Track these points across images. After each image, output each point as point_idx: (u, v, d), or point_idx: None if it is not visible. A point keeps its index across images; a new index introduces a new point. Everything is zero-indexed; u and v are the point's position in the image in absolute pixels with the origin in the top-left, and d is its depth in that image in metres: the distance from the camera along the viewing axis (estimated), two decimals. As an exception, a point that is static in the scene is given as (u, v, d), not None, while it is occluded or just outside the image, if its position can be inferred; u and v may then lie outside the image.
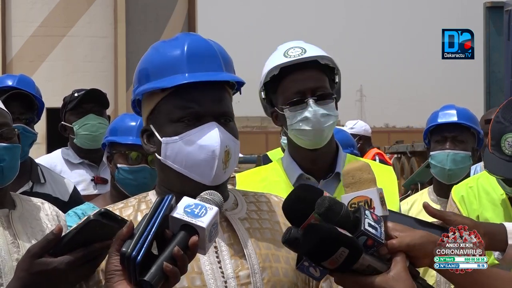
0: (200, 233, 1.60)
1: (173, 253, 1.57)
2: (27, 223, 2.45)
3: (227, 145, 1.84)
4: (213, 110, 1.85)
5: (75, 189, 3.68)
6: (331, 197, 1.68)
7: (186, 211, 1.61)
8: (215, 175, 1.84)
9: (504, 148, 2.68)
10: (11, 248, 2.37)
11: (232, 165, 1.88)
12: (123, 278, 1.57)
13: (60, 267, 1.66)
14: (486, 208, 2.95)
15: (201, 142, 1.82)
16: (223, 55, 1.92)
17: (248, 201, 1.98)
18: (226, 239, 1.86)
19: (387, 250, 1.69)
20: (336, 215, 1.65)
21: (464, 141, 3.82)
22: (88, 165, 4.27)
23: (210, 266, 1.82)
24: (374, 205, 1.76)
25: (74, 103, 4.24)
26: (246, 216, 1.92)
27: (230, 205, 1.94)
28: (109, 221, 1.64)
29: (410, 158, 20.04)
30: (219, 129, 1.83)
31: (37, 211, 2.51)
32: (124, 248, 1.57)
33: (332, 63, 2.67)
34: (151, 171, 3.34)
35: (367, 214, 1.68)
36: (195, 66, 1.86)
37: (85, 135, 4.19)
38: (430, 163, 3.93)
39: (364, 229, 1.65)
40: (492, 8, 13.24)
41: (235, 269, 1.83)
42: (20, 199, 2.53)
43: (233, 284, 1.81)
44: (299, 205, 1.70)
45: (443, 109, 3.95)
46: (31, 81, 3.93)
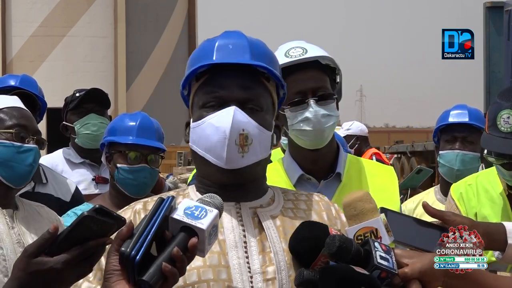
0: (199, 235, 1.60)
1: (172, 254, 1.57)
2: (31, 224, 2.49)
3: (244, 128, 1.85)
4: (237, 95, 1.88)
5: (77, 189, 3.68)
6: (340, 235, 1.67)
7: (186, 212, 1.61)
8: (227, 157, 1.85)
9: (500, 126, 2.74)
10: (16, 247, 2.39)
11: (255, 152, 1.88)
12: (121, 277, 1.57)
13: (56, 266, 1.65)
14: (485, 205, 2.95)
15: (216, 124, 1.86)
16: (256, 45, 1.95)
17: (287, 199, 1.99)
18: (256, 234, 1.88)
19: (399, 279, 1.70)
20: (348, 253, 1.65)
21: (474, 142, 3.82)
22: (89, 165, 4.26)
23: (238, 260, 1.84)
24: (380, 234, 1.76)
25: (75, 102, 4.24)
26: (280, 213, 1.93)
27: (267, 200, 1.96)
28: (104, 217, 1.62)
29: (410, 158, 20.02)
30: (235, 112, 1.85)
31: (37, 214, 2.56)
32: (123, 248, 1.56)
33: (333, 63, 2.67)
34: (151, 170, 3.34)
35: (376, 246, 1.68)
36: (223, 53, 1.91)
37: (86, 134, 4.19)
38: (438, 162, 3.93)
39: (377, 263, 1.65)
40: (492, 8, 13.23)
41: (262, 264, 1.84)
42: (21, 201, 2.58)
43: (259, 279, 1.82)
44: (306, 244, 1.71)
45: (455, 109, 3.94)
46: (33, 81, 3.93)
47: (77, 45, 22.72)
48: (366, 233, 1.76)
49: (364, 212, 1.78)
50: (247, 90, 1.89)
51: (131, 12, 23.50)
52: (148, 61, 24.25)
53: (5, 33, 22.52)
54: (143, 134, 3.35)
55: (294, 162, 2.71)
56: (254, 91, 1.90)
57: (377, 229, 1.76)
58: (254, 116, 1.88)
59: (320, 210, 1.99)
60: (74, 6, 22.58)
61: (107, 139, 3.39)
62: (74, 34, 22.72)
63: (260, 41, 1.99)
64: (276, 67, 1.99)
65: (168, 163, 20.21)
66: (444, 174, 3.88)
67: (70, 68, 22.56)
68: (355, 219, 1.79)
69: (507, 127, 2.74)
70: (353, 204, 1.80)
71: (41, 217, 2.54)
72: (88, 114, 4.20)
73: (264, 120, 1.91)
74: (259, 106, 1.91)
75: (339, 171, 2.69)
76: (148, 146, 3.33)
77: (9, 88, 3.72)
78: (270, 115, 1.95)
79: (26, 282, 1.68)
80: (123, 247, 1.56)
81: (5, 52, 22.48)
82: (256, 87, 1.91)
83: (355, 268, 1.62)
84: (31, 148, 2.50)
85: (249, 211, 1.91)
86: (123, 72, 23.36)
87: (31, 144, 2.51)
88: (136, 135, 3.33)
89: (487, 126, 2.81)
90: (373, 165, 2.83)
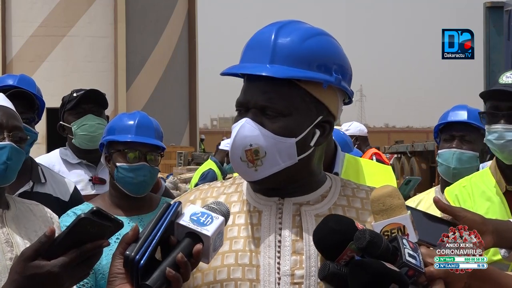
0: (204, 241, 1.59)
1: (177, 259, 1.56)
2: (21, 224, 2.46)
3: (252, 143, 1.80)
4: (255, 102, 1.82)
5: (76, 189, 3.68)
6: (371, 230, 1.65)
7: (192, 219, 1.61)
8: (240, 172, 1.85)
9: (501, 80, 2.87)
10: (4, 247, 2.37)
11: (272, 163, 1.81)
12: (125, 281, 1.57)
13: (53, 270, 1.65)
14: (481, 205, 2.95)
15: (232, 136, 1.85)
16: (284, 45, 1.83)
17: (343, 194, 1.91)
18: (293, 234, 1.83)
19: (425, 278, 1.68)
20: (377, 248, 1.62)
21: (472, 141, 3.82)
22: (86, 165, 4.26)
23: (268, 260, 1.81)
24: (407, 232, 1.74)
25: (72, 103, 4.23)
26: (327, 212, 1.86)
27: (317, 196, 1.89)
28: (101, 219, 1.62)
29: (410, 158, 20.04)
30: (242, 126, 1.81)
31: (30, 213, 2.53)
32: (128, 252, 1.56)
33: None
34: (150, 169, 3.34)
35: (405, 244, 1.66)
36: (246, 56, 1.87)
37: (83, 135, 4.19)
38: (437, 161, 3.93)
39: (406, 261, 1.63)
40: (492, 8, 13.24)
41: (292, 266, 1.81)
42: (14, 200, 2.55)
43: (287, 281, 1.80)
44: (333, 237, 1.67)
45: (455, 109, 3.95)
46: (32, 81, 3.92)
47: (77, 45, 22.73)
48: (393, 230, 1.74)
49: (393, 208, 1.76)
50: (264, 95, 1.82)
51: (131, 12, 23.51)
52: (148, 61, 24.26)
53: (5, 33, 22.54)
54: (142, 132, 3.36)
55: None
56: (270, 96, 1.82)
57: (405, 226, 1.75)
58: (273, 124, 1.81)
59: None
60: (74, 6, 22.59)
61: (106, 138, 3.39)
62: (74, 34, 22.73)
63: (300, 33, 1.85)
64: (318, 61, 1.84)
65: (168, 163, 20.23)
66: (442, 173, 3.89)
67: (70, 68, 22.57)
68: (383, 214, 1.76)
69: (508, 80, 2.84)
70: (382, 199, 1.77)
71: (34, 216, 2.52)
72: (85, 114, 4.19)
73: (286, 127, 1.82)
74: (280, 112, 1.81)
75: (336, 171, 2.69)
76: (147, 144, 3.34)
77: (7, 87, 3.72)
78: (301, 117, 1.83)
79: (23, 285, 1.67)
80: (128, 251, 1.56)
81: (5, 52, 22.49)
82: (279, 90, 1.82)
83: (387, 265, 1.60)
84: (4, 146, 2.43)
85: (292, 208, 1.86)
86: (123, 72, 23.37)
87: (6, 141, 2.44)
88: (135, 134, 3.34)
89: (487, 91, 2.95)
90: (371, 165, 2.84)
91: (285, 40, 1.83)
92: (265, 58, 1.82)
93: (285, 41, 1.83)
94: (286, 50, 1.83)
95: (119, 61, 23.25)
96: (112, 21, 23.20)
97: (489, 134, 2.94)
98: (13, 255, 2.35)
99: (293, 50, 1.83)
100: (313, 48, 1.84)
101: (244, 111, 1.84)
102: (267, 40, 1.84)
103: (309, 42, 1.84)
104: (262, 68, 1.81)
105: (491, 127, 2.91)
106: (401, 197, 1.78)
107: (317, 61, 1.84)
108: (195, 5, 26.36)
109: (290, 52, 1.82)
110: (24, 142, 2.51)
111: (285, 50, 1.83)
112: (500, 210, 2.93)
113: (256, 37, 1.87)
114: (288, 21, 1.89)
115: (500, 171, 2.97)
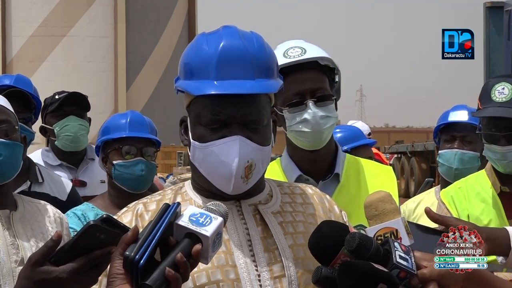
0: (203, 242, 1.60)
1: (176, 259, 1.57)
2: (28, 225, 2.43)
3: (249, 159, 1.85)
4: (240, 118, 1.85)
5: (73, 189, 3.69)
6: (361, 233, 1.68)
7: (191, 219, 1.61)
8: (233, 189, 1.87)
9: (495, 97, 2.79)
10: (10, 249, 2.35)
11: (258, 173, 1.90)
12: (125, 281, 1.57)
13: (62, 275, 1.65)
14: (476, 206, 2.95)
15: (221, 157, 1.85)
16: (258, 57, 1.89)
17: (283, 192, 2.01)
18: (260, 232, 1.90)
19: (418, 280, 1.69)
20: (367, 250, 1.65)
21: (473, 141, 3.81)
22: (67, 167, 4.27)
23: (244, 259, 1.86)
24: (400, 235, 1.76)
25: (55, 105, 4.24)
26: (280, 209, 1.96)
27: (265, 196, 1.98)
28: (110, 227, 1.64)
29: (410, 158, 20.04)
30: (240, 146, 1.84)
31: (38, 213, 2.49)
32: (128, 252, 1.57)
33: (332, 64, 2.66)
34: (147, 163, 3.38)
35: (396, 246, 1.68)
36: (224, 73, 1.85)
37: (65, 135, 4.18)
38: (438, 161, 3.93)
39: (397, 262, 1.65)
40: (492, 8, 13.23)
41: (268, 262, 1.86)
42: (22, 199, 2.50)
43: (267, 277, 1.85)
44: (326, 242, 1.70)
45: (455, 109, 3.95)
46: (28, 81, 3.93)
47: (77, 45, 22.72)
48: (386, 234, 1.77)
49: (385, 213, 1.78)
50: (250, 110, 1.86)
51: (131, 12, 23.50)
52: (148, 61, 24.25)
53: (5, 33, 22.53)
54: (135, 128, 3.41)
55: (292, 162, 2.71)
56: (255, 109, 1.87)
57: (398, 230, 1.76)
58: (256, 136, 1.87)
59: (315, 203, 2.01)
60: (74, 6, 22.58)
61: (100, 139, 3.44)
62: (74, 34, 22.72)
63: (257, 41, 1.92)
64: (275, 67, 1.96)
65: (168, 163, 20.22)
66: (443, 174, 3.88)
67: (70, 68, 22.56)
68: (376, 219, 1.79)
69: (502, 97, 2.78)
70: (375, 204, 1.80)
71: (42, 217, 2.48)
72: (67, 116, 4.20)
73: (265, 136, 1.90)
74: (261, 124, 1.89)
75: (337, 172, 2.68)
76: (141, 139, 3.39)
77: (4, 87, 3.72)
78: (269, 122, 1.93)
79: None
80: (128, 251, 1.57)
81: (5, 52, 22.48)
82: (256, 103, 1.88)
83: (375, 265, 1.62)
84: None
85: (250, 208, 1.93)
86: (123, 72, 23.37)
87: None
88: (128, 130, 3.39)
89: (479, 104, 2.83)
90: (372, 165, 2.83)
91: (257, 52, 1.89)
92: (249, 74, 1.86)
93: (258, 53, 1.89)
94: (262, 62, 1.89)
95: (119, 61, 23.25)
96: (112, 21, 23.19)
97: (489, 151, 2.90)
98: (19, 258, 2.33)
99: (264, 61, 1.90)
100: (272, 55, 1.95)
101: (221, 127, 1.85)
102: (243, 54, 1.87)
103: (269, 50, 1.93)
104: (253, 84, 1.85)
105: (491, 146, 2.88)
106: (394, 202, 1.80)
107: (275, 66, 1.95)
108: (195, 5, 26.35)
109: (263, 63, 1.90)
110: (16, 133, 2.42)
111: (261, 62, 1.89)
112: (494, 211, 2.92)
113: (227, 52, 1.86)
114: (235, 30, 1.92)
115: (495, 173, 2.97)
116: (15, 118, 2.47)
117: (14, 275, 2.29)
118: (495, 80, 2.85)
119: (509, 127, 2.82)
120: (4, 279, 2.29)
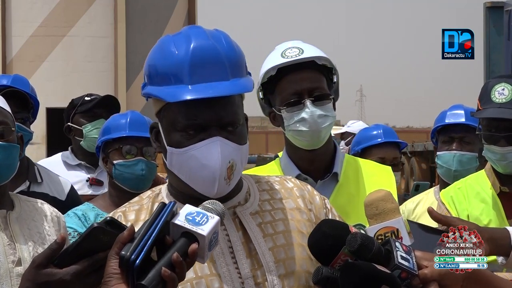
0: (200, 241, 1.60)
1: (172, 259, 1.56)
2: (25, 225, 2.43)
3: (230, 160, 1.82)
4: (217, 120, 1.82)
5: (72, 188, 3.69)
6: (362, 233, 1.67)
7: (187, 218, 1.61)
8: (217, 192, 1.83)
9: (494, 98, 2.79)
10: (7, 250, 2.35)
11: (238, 172, 1.86)
12: (121, 281, 1.57)
13: (65, 278, 1.66)
14: (476, 206, 2.95)
15: (202, 161, 1.81)
16: (230, 56, 1.85)
17: (261, 189, 1.97)
18: (241, 237, 1.87)
19: (419, 280, 1.69)
20: (369, 251, 1.65)
21: (471, 142, 3.82)
22: (86, 167, 4.31)
23: (227, 267, 1.83)
24: (401, 235, 1.76)
25: (87, 106, 4.30)
26: (258, 209, 1.92)
27: (243, 195, 1.94)
28: (114, 229, 1.63)
29: (410, 158, 20.02)
30: (221, 147, 1.80)
31: (35, 212, 2.49)
32: (124, 252, 1.56)
33: (329, 64, 2.66)
34: (147, 163, 3.39)
35: (397, 246, 1.68)
36: (198, 76, 1.81)
37: (94, 138, 4.22)
38: (436, 163, 3.93)
39: (398, 263, 1.65)
40: (492, 8, 13.23)
41: (251, 268, 1.83)
42: (19, 199, 2.50)
43: (251, 283, 1.82)
44: (326, 242, 1.69)
45: (451, 109, 3.94)
46: (26, 81, 3.94)
47: (77, 45, 22.71)
48: (386, 233, 1.76)
49: (386, 212, 1.78)
50: (226, 112, 1.82)
51: (131, 12, 23.50)
52: (148, 61, 24.23)
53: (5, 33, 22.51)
54: (135, 127, 3.43)
55: (291, 162, 2.71)
56: (231, 110, 1.84)
57: (398, 230, 1.76)
58: (234, 136, 1.84)
59: (295, 197, 1.97)
60: (74, 6, 22.57)
61: (101, 140, 3.46)
62: (74, 34, 22.71)
63: (225, 39, 1.87)
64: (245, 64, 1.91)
65: (168, 163, 20.21)
66: (442, 175, 3.88)
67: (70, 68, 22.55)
68: (376, 218, 1.78)
69: (502, 98, 2.78)
70: (375, 203, 1.79)
71: (39, 216, 2.48)
72: (97, 118, 4.23)
73: (242, 134, 1.87)
74: (238, 123, 1.86)
75: (336, 171, 2.68)
76: (141, 138, 3.40)
77: (1, 87, 3.72)
78: (244, 120, 1.89)
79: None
80: (123, 251, 1.56)
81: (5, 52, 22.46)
82: (232, 104, 1.85)
83: (377, 267, 1.62)
84: None
85: (229, 212, 1.88)
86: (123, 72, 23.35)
87: None
88: (128, 130, 3.41)
89: (479, 104, 2.83)
90: (371, 165, 2.83)
91: (227, 51, 1.85)
92: (223, 74, 1.82)
93: (228, 52, 1.85)
94: (234, 61, 1.85)
95: (119, 61, 23.23)
96: (112, 21, 23.18)
97: (489, 152, 2.90)
98: (16, 258, 2.33)
99: (236, 59, 1.86)
100: (241, 52, 1.91)
101: (199, 131, 1.82)
102: (215, 55, 1.82)
103: (237, 48, 1.89)
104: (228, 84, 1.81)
105: (491, 147, 2.88)
106: (395, 201, 1.79)
107: (245, 63, 1.91)
108: (195, 5, 26.34)
109: (235, 62, 1.86)
110: (12, 135, 2.41)
111: (233, 61, 1.85)
112: (494, 211, 2.93)
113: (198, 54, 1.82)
114: (202, 30, 1.87)
115: (495, 173, 2.97)
116: (12, 119, 2.46)
117: (12, 275, 2.29)
118: (495, 80, 2.84)
119: (509, 128, 2.82)
120: (2, 279, 2.29)
